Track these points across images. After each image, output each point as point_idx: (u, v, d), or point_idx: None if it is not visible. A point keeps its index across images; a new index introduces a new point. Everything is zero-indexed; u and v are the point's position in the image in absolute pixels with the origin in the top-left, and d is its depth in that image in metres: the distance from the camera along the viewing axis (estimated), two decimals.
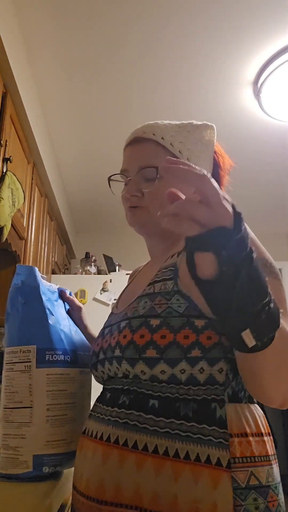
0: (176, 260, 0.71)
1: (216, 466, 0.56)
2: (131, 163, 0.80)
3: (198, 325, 0.62)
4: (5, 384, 0.80)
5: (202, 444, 0.58)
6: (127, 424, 0.62)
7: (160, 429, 0.60)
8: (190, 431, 0.59)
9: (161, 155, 0.77)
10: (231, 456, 0.57)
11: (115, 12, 1.69)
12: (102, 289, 3.04)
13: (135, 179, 0.79)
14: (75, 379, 0.82)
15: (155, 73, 2.04)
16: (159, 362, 0.61)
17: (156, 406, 0.62)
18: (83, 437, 0.71)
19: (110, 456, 0.61)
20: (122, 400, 0.65)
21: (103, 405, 0.70)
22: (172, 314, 0.64)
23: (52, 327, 0.81)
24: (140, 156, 0.79)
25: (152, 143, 0.79)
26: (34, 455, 0.74)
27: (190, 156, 0.79)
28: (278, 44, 1.84)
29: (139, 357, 0.63)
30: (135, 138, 0.81)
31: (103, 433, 0.65)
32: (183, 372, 0.61)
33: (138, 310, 0.69)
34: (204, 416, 0.60)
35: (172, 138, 0.79)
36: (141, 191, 0.78)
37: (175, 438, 0.59)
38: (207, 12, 1.69)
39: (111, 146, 2.62)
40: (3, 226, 1.49)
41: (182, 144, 0.79)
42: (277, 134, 2.49)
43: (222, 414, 0.60)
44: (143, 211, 0.78)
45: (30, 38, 1.81)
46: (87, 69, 2.01)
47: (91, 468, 0.64)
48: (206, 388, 0.61)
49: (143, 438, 0.60)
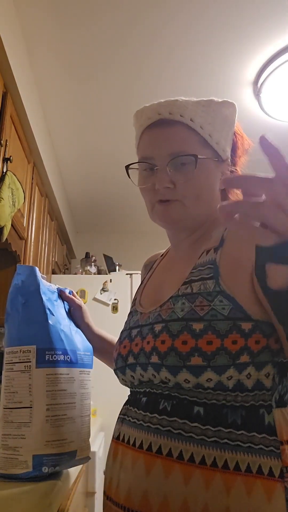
0: (214, 257, 0.65)
1: (269, 476, 0.53)
2: (158, 149, 0.70)
3: (245, 329, 0.58)
4: (5, 384, 0.79)
5: (253, 453, 0.55)
6: (171, 433, 0.58)
7: (207, 438, 0.56)
8: (239, 440, 0.56)
9: (194, 140, 0.70)
10: (283, 465, 0.54)
11: (115, 12, 1.69)
12: (102, 289, 3.04)
13: (165, 168, 0.69)
14: (75, 379, 0.82)
15: (155, 73, 2.04)
16: (205, 370, 0.57)
17: (202, 413, 0.58)
18: (117, 443, 0.68)
19: (153, 467, 0.58)
20: (163, 406, 0.61)
21: (139, 410, 0.65)
22: (217, 317, 0.59)
23: (52, 327, 0.80)
24: (169, 142, 0.69)
25: (182, 127, 0.70)
26: (34, 455, 0.74)
27: (219, 139, 0.72)
28: (278, 44, 1.84)
29: (183, 365, 0.59)
30: (161, 120, 0.71)
31: (142, 441, 0.61)
32: (230, 379, 0.57)
33: (176, 312, 0.63)
34: (253, 423, 0.57)
35: (202, 120, 0.71)
36: (173, 182, 0.69)
37: (224, 447, 0.55)
38: (207, 12, 1.69)
39: (111, 146, 2.62)
40: (3, 226, 1.49)
41: (211, 126, 0.71)
42: (277, 134, 2.49)
43: (271, 420, 0.57)
44: (178, 205, 0.70)
45: (31, 38, 1.81)
46: (87, 69, 2.01)
47: (132, 479, 0.60)
48: (254, 394, 0.58)
49: (189, 447, 0.56)
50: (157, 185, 0.70)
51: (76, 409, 0.81)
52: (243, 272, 0.61)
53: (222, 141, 0.73)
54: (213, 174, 0.73)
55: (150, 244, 2.69)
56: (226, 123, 0.74)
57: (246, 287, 0.60)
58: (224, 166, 0.75)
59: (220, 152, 0.74)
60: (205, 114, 0.72)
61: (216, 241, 0.68)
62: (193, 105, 0.72)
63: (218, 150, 0.73)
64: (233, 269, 0.62)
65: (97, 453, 2.05)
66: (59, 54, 1.91)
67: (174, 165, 0.69)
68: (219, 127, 0.73)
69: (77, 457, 0.80)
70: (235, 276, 0.61)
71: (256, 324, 0.59)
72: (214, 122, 0.72)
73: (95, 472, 1.99)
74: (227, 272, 0.62)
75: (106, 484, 0.67)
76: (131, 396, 0.72)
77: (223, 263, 0.63)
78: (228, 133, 0.75)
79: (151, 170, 0.72)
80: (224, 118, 0.74)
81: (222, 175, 0.75)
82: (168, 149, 0.69)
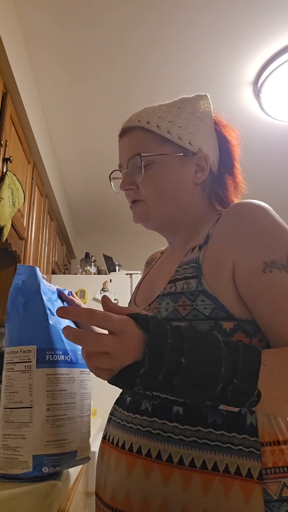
0: (198, 255, 0.65)
1: (247, 477, 0.53)
2: (122, 156, 0.77)
3: (227, 328, 0.58)
4: (5, 384, 0.79)
5: (232, 454, 0.54)
6: (150, 433, 0.59)
7: (186, 438, 0.56)
8: (219, 440, 0.55)
9: (148, 140, 0.73)
10: (262, 467, 0.54)
11: (115, 13, 1.69)
12: (102, 289, 3.04)
13: (127, 171, 0.75)
14: (76, 379, 0.82)
15: (155, 73, 2.04)
16: None
17: (181, 413, 0.58)
18: (104, 443, 0.69)
19: (134, 467, 0.58)
20: (144, 406, 0.62)
21: (123, 410, 0.66)
22: (198, 317, 0.60)
23: (53, 327, 0.80)
24: (128, 146, 0.75)
25: (138, 130, 0.74)
26: (34, 455, 0.74)
27: (182, 134, 0.73)
28: (278, 44, 1.84)
29: None
30: (123, 129, 0.77)
31: (125, 441, 0.62)
32: None
33: (161, 312, 0.64)
34: (234, 423, 0.56)
35: (159, 120, 0.73)
36: (134, 183, 0.74)
37: (203, 448, 0.55)
38: (207, 13, 1.69)
39: (111, 146, 2.62)
40: (3, 226, 1.49)
41: (171, 123, 0.73)
42: (277, 134, 2.49)
43: (253, 421, 0.57)
44: (142, 205, 0.74)
45: (31, 38, 1.81)
46: (87, 69, 2.01)
47: (116, 479, 0.61)
48: None
49: (167, 448, 0.57)
50: (121, 188, 0.75)
51: (77, 409, 0.81)
52: (225, 271, 0.61)
53: (187, 134, 0.73)
54: (176, 169, 0.73)
55: (150, 244, 2.69)
56: (194, 116, 0.75)
57: (229, 286, 0.60)
58: (197, 158, 0.74)
59: (186, 146, 0.73)
60: (166, 113, 0.74)
61: (202, 238, 0.68)
62: (155, 109, 0.75)
63: (182, 145, 0.73)
64: (215, 268, 0.62)
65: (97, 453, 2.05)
66: (59, 54, 1.91)
67: (133, 167, 0.73)
68: (182, 122, 0.73)
69: (78, 457, 0.80)
70: (218, 275, 0.61)
71: (239, 324, 0.59)
72: (175, 119, 0.73)
73: (95, 472, 1.99)
74: (210, 271, 0.62)
75: (96, 483, 0.69)
76: (120, 394, 0.73)
77: (206, 262, 0.63)
78: (199, 126, 0.75)
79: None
80: (192, 112, 0.75)
81: (197, 167, 0.75)
82: (127, 153, 0.75)
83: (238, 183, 0.79)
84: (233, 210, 0.64)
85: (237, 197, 0.79)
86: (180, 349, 0.46)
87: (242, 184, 0.80)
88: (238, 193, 0.79)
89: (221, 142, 0.78)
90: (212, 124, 0.77)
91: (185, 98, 0.76)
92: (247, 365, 0.48)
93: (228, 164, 0.79)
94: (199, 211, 0.75)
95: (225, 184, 0.78)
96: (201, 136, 0.74)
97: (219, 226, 0.65)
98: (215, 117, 0.78)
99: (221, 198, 0.79)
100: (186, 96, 0.77)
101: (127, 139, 0.76)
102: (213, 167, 0.77)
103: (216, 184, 0.78)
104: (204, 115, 0.76)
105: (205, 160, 0.75)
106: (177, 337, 0.47)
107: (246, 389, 0.48)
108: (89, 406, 0.86)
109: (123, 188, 0.74)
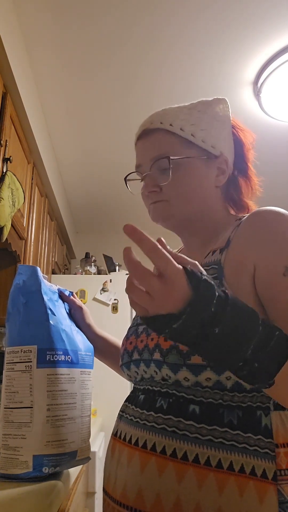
0: (219, 257, 0.66)
1: (262, 478, 0.54)
2: (143, 157, 0.76)
3: None
4: (6, 384, 0.79)
5: (248, 454, 0.55)
6: (165, 430, 0.59)
7: (202, 436, 0.57)
8: (235, 440, 0.56)
9: (173, 143, 0.73)
10: (277, 468, 0.54)
11: (115, 12, 1.69)
12: (102, 289, 3.04)
13: (150, 173, 0.74)
14: (76, 379, 0.82)
15: (155, 73, 2.04)
16: (205, 369, 0.58)
17: (197, 412, 0.58)
18: (115, 440, 0.68)
19: (148, 464, 0.58)
20: (159, 404, 0.62)
21: (136, 407, 0.66)
22: None
23: (53, 327, 0.80)
24: (150, 148, 0.74)
25: (161, 132, 0.74)
26: (34, 455, 0.74)
27: (206, 137, 0.74)
28: (278, 44, 1.84)
29: (183, 363, 0.60)
30: (144, 130, 0.76)
31: (138, 438, 0.62)
32: (229, 379, 0.58)
33: None
34: (250, 424, 0.57)
35: (183, 122, 0.73)
36: (159, 186, 0.74)
37: (218, 447, 0.55)
38: (206, 12, 1.69)
39: (111, 146, 2.62)
40: (3, 226, 1.49)
41: (194, 126, 0.74)
42: (277, 134, 2.49)
43: (268, 422, 0.57)
44: (164, 204, 0.74)
45: (31, 38, 1.81)
46: (87, 69, 2.00)
47: (128, 476, 0.61)
48: (251, 396, 0.59)
49: (182, 446, 0.57)
50: (144, 190, 0.75)
51: (77, 409, 0.81)
52: (246, 274, 0.62)
53: (210, 138, 0.74)
54: (201, 172, 0.74)
55: None
56: (215, 119, 0.76)
57: (249, 290, 0.61)
58: (219, 161, 0.76)
59: (209, 149, 0.74)
60: (188, 116, 0.75)
61: (223, 242, 0.69)
62: (176, 110, 0.76)
63: (206, 148, 0.74)
64: (236, 270, 0.63)
65: (97, 453, 2.05)
66: (59, 54, 1.91)
67: (158, 169, 0.74)
68: (205, 126, 0.74)
69: (78, 457, 0.80)
70: (239, 277, 0.62)
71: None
72: (198, 122, 0.74)
73: (95, 472, 1.99)
74: (231, 273, 0.63)
75: (104, 480, 0.68)
76: (131, 392, 0.73)
77: (227, 264, 0.64)
78: (220, 129, 0.76)
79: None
80: (213, 115, 0.76)
81: (219, 170, 0.76)
82: (149, 155, 0.74)
83: (253, 186, 0.81)
84: (256, 216, 0.66)
85: (251, 199, 0.81)
86: (218, 321, 0.46)
87: (257, 187, 0.81)
88: (253, 196, 0.81)
89: (236, 145, 0.79)
90: (230, 127, 0.78)
91: (204, 101, 0.77)
92: (277, 349, 0.48)
93: (243, 166, 0.80)
94: (219, 213, 0.77)
95: (239, 186, 0.80)
96: (222, 139, 0.76)
97: (240, 230, 0.67)
98: (233, 121, 0.80)
99: (235, 200, 0.80)
100: (205, 99, 0.77)
101: (149, 140, 0.75)
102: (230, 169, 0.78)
103: (231, 186, 0.80)
104: (224, 118, 0.77)
105: (226, 163, 0.76)
106: (221, 307, 0.46)
107: (269, 368, 0.48)
108: (89, 406, 0.86)
109: (147, 190, 0.74)
